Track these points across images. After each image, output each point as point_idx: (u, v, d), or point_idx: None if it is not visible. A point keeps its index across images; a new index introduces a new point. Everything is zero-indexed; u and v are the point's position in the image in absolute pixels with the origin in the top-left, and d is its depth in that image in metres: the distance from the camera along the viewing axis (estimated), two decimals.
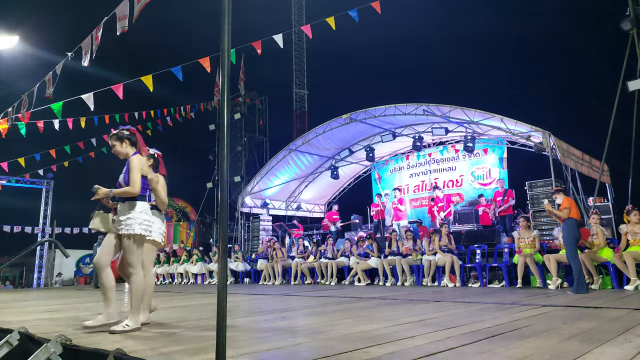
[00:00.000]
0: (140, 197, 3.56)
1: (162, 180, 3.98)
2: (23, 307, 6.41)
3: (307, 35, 8.75)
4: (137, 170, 3.51)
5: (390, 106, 11.51)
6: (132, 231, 3.45)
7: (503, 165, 12.42)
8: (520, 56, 22.77)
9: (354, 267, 9.63)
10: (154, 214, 3.91)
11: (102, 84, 8.20)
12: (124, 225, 3.47)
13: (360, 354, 2.34)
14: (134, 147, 3.68)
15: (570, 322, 3.30)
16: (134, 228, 3.46)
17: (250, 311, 4.90)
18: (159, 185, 3.83)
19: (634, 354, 2.24)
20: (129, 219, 3.47)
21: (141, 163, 3.59)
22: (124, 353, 2.38)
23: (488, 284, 7.90)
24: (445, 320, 3.53)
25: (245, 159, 18.54)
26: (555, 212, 6.22)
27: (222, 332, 1.84)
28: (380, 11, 7.82)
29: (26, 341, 3.11)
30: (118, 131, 3.69)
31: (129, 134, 3.68)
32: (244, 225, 15.87)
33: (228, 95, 2.08)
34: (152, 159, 4.01)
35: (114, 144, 3.67)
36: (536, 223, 9.25)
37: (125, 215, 3.49)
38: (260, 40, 8.45)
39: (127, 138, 3.66)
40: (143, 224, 3.51)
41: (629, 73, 8.50)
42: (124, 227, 3.46)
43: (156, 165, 4.07)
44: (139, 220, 3.49)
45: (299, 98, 21.97)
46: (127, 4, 6.29)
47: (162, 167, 4.12)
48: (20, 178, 16.38)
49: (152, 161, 3.98)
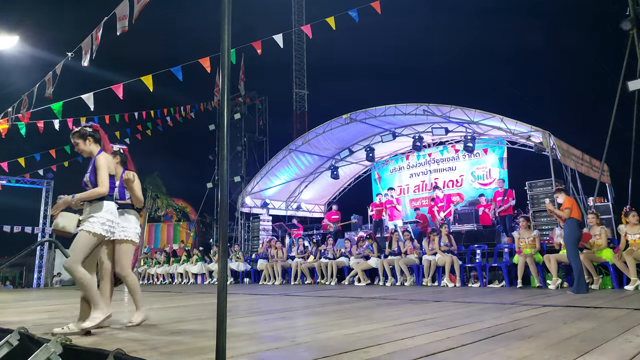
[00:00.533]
0: (108, 197, 3.43)
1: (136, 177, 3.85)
2: (23, 307, 6.42)
3: (307, 35, 8.75)
4: (105, 169, 3.39)
5: (390, 106, 11.51)
6: (92, 229, 3.32)
7: (503, 165, 12.42)
8: (520, 56, 22.77)
9: (354, 267, 9.63)
10: (130, 212, 3.85)
11: (102, 84, 8.21)
12: (87, 223, 3.35)
13: (360, 354, 2.34)
14: (98, 145, 3.54)
15: (570, 322, 3.30)
16: (94, 227, 3.33)
17: (250, 311, 4.90)
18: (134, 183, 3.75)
19: (634, 354, 2.24)
20: (93, 216, 3.36)
21: (108, 161, 3.46)
22: (124, 353, 2.38)
23: (488, 284, 7.90)
24: (445, 320, 3.53)
25: (245, 159, 18.54)
26: (557, 211, 6.21)
27: (222, 332, 1.84)
28: (380, 11, 7.82)
29: (26, 341, 3.10)
30: (80, 128, 3.53)
31: (93, 131, 3.54)
32: (244, 225, 15.88)
33: (228, 95, 2.08)
34: (119, 156, 3.89)
35: (77, 142, 3.52)
36: (536, 223, 9.25)
37: (90, 214, 3.38)
38: (260, 40, 8.45)
39: (90, 135, 3.51)
40: (106, 224, 3.38)
41: (629, 73, 8.50)
42: (86, 224, 3.34)
43: (124, 161, 3.94)
44: (103, 220, 3.37)
45: (299, 98, 21.97)
46: (127, 4, 6.29)
47: (130, 163, 3.97)
48: (20, 178, 16.39)
49: (119, 158, 3.87)
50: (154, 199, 19.52)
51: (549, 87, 21.32)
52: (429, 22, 23.64)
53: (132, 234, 3.74)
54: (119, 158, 3.86)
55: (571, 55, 19.96)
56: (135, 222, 3.81)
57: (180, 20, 24.62)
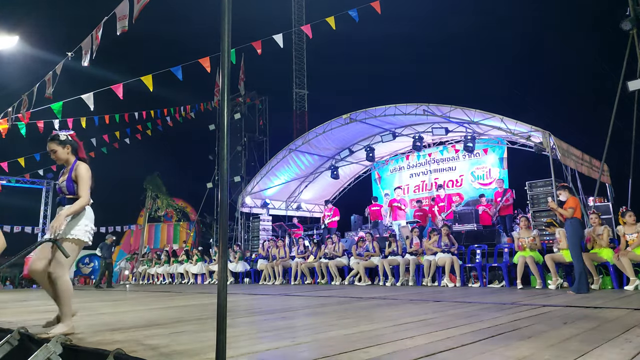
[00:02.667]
0: None
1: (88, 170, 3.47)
2: (23, 307, 6.41)
3: (307, 35, 8.75)
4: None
5: (390, 106, 11.51)
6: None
7: (503, 165, 12.42)
8: (520, 56, 22.79)
9: (354, 267, 9.63)
10: None
11: (102, 84, 8.21)
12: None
13: (360, 354, 2.34)
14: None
15: (570, 322, 3.30)
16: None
17: (250, 311, 4.89)
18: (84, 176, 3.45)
19: (634, 354, 2.24)
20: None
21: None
22: (124, 353, 2.38)
23: (488, 284, 7.90)
24: (445, 320, 3.53)
25: (245, 159, 18.53)
26: (560, 210, 6.17)
27: (222, 332, 1.84)
28: (380, 11, 7.83)
29: (26, 341, 3.10)
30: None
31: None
32: (244, 225, 15.88)
33: (228, 95, 2.08)
34: (69, 144, 3.48)
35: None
36: (536, 223, 9.25)
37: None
38: (260, 40, 8.46)
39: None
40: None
41: (629, 73, 8.51)
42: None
43: (75, 148, 3.53)
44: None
45: (299, 98, 21.98)
46: (127, 4, 6.29)
47: (82, 150, 3.59)
48: (20, 178, 16.40)
49: (69, 147, 3.48)
50: (154, 199, 19.52)
51: (548, 87, 21.34)
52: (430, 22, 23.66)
53: (80, 232, 3.38)
54: (69, 147, 3.48)
55: (571, 55, 19.97)
56: (86, 218, 3.43)
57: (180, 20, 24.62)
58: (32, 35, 16.56)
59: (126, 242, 19.92)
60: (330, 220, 13.26)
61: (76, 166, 3.41)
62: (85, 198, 3.36)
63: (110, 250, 13.01)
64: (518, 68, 22.79)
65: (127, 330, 3.51)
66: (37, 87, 8.47)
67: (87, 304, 6.41)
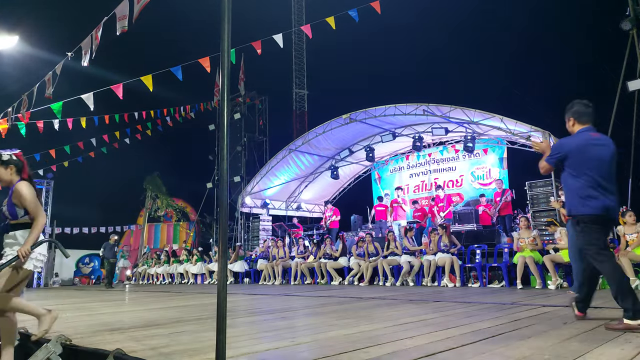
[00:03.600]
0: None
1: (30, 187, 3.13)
2: None
3: (307, 35, 8.75)
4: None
5: (390, 106, 11.52)
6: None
7: (503, 165, 12.42)
8: (520, 56, 22.76)
9: (354, 267, 9.63)
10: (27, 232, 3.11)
11: (102, 84, 8.21)
12: None
13: (360, 354, 2.34)
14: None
15: (570, 322, 3.30)
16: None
17: (250, 311, 4.89)
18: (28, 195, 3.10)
19: (634, 354, 2.24)
20: None
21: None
22: (124, 353, 2.39)
23: (488, 284, 7.89)
24: (445, 320, 3.53)
25: (245, 159, 18.53)
26: (563, 210, 6.16)
27: (222, 332, 1.84)
28: (380, 11, 7.82)
29: (26, 341, 3.11)
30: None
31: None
32: (244, 225, 15.88)
33: (228, 95, 2.08)
34: (12, 165, 3.12)
35: None
36: (536, 223, 9.25)
37: None
38: (260, 40, 8.45)
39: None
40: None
41: (629, 73, 8.52)
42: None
43: (20, 168, 3.16)
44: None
45: (299, 98, 21.97)
46: (127, 4, 6.29)
47: (26, 170, 3.22)
48: None
49: (13, 168, 3.11)
50: (154, 199, 19.54)
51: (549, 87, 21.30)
52: (429, 22, 23.66)
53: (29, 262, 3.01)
54: (13, 168, 3.11)
55: (571, 55, 19.97)
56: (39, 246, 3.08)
57: (180, 20, 24.62)
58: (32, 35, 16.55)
59: (126, 242, 19.93)
60: (331, 220, 13.30)
61: (15, 188, 3.03)
62: (42, 220, 3.02)
63: (113, 250, 13.05)
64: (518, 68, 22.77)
65: (126, 330, 3.51)
66: (37, 87, 8.47)
67: (87, 304, 6.41)
